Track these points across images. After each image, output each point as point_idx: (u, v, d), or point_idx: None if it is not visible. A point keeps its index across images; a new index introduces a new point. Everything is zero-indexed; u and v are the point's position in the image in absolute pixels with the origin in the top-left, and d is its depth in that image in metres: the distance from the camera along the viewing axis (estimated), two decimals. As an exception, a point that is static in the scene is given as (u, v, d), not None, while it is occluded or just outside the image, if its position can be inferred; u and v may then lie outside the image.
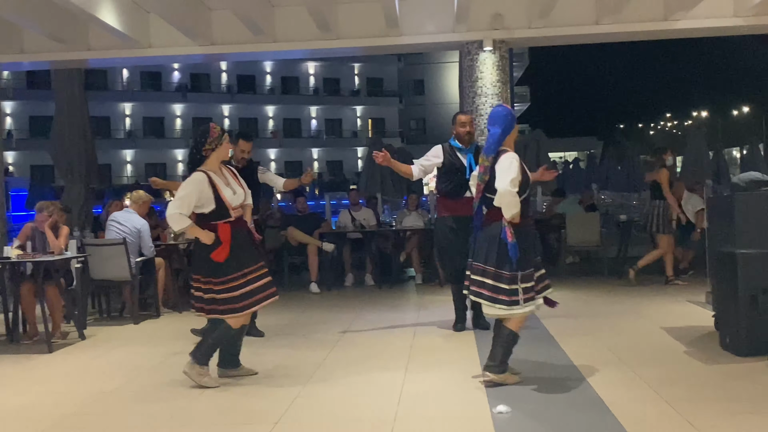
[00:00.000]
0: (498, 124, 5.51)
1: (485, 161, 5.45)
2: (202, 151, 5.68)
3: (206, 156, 5.69)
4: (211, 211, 5.63)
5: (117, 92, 51.40)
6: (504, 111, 5.63)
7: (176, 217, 5.53)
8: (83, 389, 5.83)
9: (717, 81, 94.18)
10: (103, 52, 10.55)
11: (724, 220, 6.49)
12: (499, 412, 4.74)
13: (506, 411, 4.74)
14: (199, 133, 5.77)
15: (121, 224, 8.97)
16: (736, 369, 5.66)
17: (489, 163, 5.43)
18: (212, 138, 5.69)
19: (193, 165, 5.71)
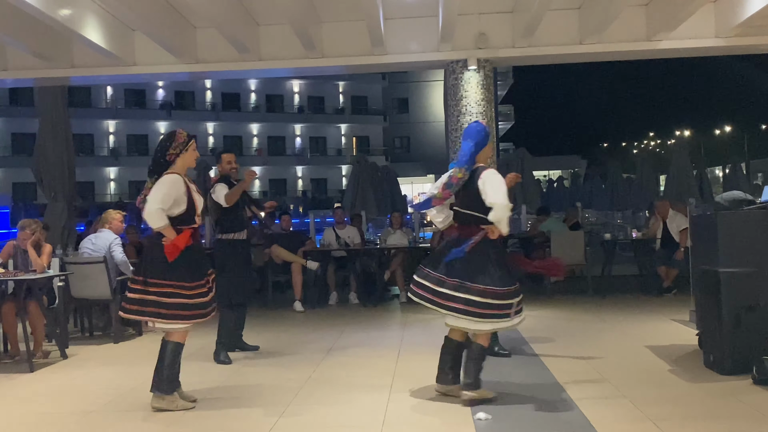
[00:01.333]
0: (471, 138, 5.62)
1: (458, 173, 5.50)
2: (166, 156, 5.64)
3: (170, 161, 5.64)
4: (179, 215, 5.57)
5: (101, 110, 51.25)
6: (478, 127, 5.74)
7: (158, 213, 5.45)
8: (65, 409, 5.77)
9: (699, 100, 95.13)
10: (87, 70, 10.50)
11: (707, 238, 6.53)
12: (479, 419, 4.82)
13: (485, 418, 4.83)
14: (164, 138, 5.74)
15: (93, 243, 8.95)
16: (720, 387, 5.67)
17: (462, 175, 5.50)
18: (177, 143, 5.66)
19: (156, 169, 5.64)
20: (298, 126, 57.64)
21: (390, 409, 5.38)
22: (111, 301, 8.80)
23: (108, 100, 51.98)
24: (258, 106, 56.40)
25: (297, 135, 57.96)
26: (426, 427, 5.01)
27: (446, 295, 5.39)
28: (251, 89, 56.02)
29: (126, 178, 52.40)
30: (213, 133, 54.66)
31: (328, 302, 11.69)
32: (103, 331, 9.41)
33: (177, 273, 5.51)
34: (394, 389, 5.98)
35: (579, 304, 10.62)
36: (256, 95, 56.38)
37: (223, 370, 6.93)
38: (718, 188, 26.77)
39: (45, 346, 7.96)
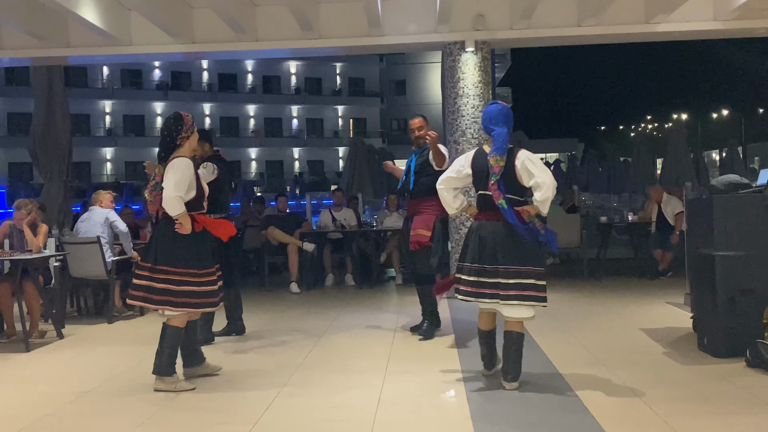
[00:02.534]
0: (504, 123, 5.46)
1: (500, 161, 5.35)
2: (177, 140, 5.62)
3: (180, 145, 5.63)
4: (189, 201, 5.56)
5: (97, 90, 51.05)
6: (504, 110, 5.56)
7: (177, 200, 5.43)
8: (61, 389, 5.78)
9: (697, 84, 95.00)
10: (83, 50, 10.45)
11: (702, 222, 6.54)
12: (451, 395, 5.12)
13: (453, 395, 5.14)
14: (171, 122, 5.67)
15: (85, 222, 8.95)
16: (714, 370, 5.71)
17: (504, 162, 5.36)
18: (187, 126, 5.66)
19: (167, 153, 5.63)
20: (295, 107, 57.47)
21: (385, 390, 5.41)
22: (107, 281, 8.81)
23: (104, 80, 51.77)
24: (254, 87, 56.21)
25: (294, 116, 57.82)
26: (421, 408, 5.03)
27: (505, 285, 5.28)
28: (248, 70, 55.81)
29: (122, 158, 52.30)
30: (209, 114, 54.53)
31: (324, 284, 11.71)
32: (99, 312, 9.42)
33: (186, 260, 5.52)
34: (389, 371, 6.00)
35: (574, 287, 10.65)
36: (252, 76, 56.17)
37: (217, 352, 6.95)
38: (715, 172, 26.80)
39: (41, 326, 7.98)
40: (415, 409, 5.02)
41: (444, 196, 5.67)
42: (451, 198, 5.67)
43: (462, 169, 5.59)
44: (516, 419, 4.66)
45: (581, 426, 4.46)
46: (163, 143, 5.67)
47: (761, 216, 6.17)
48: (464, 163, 5.60)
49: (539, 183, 5.28)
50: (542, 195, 5.28)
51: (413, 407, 5.06)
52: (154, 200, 5.63)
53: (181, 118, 5.69)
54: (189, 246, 5.54)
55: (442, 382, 5.60)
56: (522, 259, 5.30)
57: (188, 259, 5.53)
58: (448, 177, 5.65)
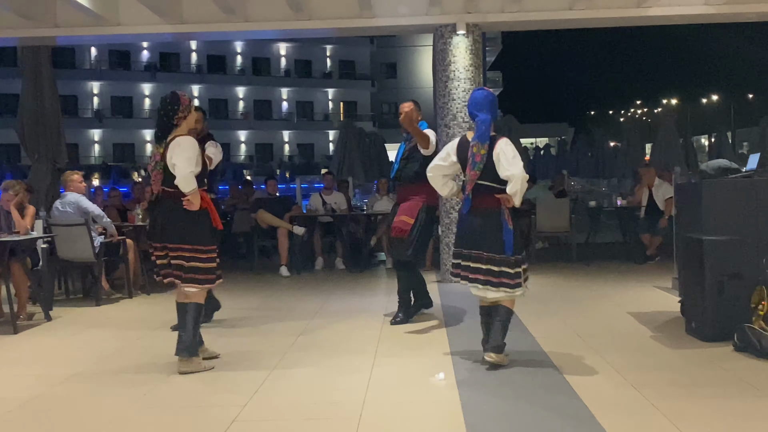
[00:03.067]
0: (487, 110, 5.49)
1: (482, 149, 5.38)
2: (174, 119, 5.59)
3: (177, 124, 5.60)
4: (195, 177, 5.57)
5: (85, 71, 50.72)
6: (489, 96, 5.58)
7: (191, 176, 5.44)
8: (50, 371, 5.76)
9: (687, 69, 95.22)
10: (71, 30, 10.34)
11: (691, 206, 6.56)
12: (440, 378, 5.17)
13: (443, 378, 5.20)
14: (168, 102, 5.63)
15: (60, 209, 8.85)
16: (702, 354, 5.74)
17: (486, 150, 5.39)
18: (184, 105, 5.63)
19: (164, 133, 5.59)
20: (285, 90, 57.25)
21: (375, 373, 5.41)
22: (94, 264, 8.77)
23: (92, 61, 51.40)
24: (244, 68, 55.93)
25: (284, 99, 57.62)
26: (410, 390, 5.04)
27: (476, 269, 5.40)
28: (237, 51, 55.51)
29: (110, 140, 52.07)
30: (198, 95, 54.21)
31: (314, 267, 11.71)
32: (86, 294, 9.39)
33: (199, 237, 5.54)
34: (378, 353, 6.01)
35: (563, 271, 10.68)
36: (242, 58, 55.89)
37: (208, 335, 6.93)
38: (704, 157, 26.90)
39: (29, 308, 7.94)
40: (405, 390, 5.03)
41: (434, 183, 5.75)
42: (440, 185, 5.74)
43: (448, 157, 5.64)
44: (504, 401, 4.67)
45: (569, 408, 4.48)
46: (161, 123, 5.63)
47: (750, 201, 6.19)
48: (450, 151, 5.64)
49: (508, 176, 5.37)
50: (511, 188, 5.37)
51: (403, 389, 5.07)
52: (156, 180, 5.57)
53: (178, 97, 5.67)
54: (198, 222, 5.57)
55: (431, 364, 5.61)
56: (495, 246, 5.39)
57: (200, 235, 5.55)
58: (437, 164, 5.70)
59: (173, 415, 4.66)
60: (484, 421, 4.31)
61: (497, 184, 5.43)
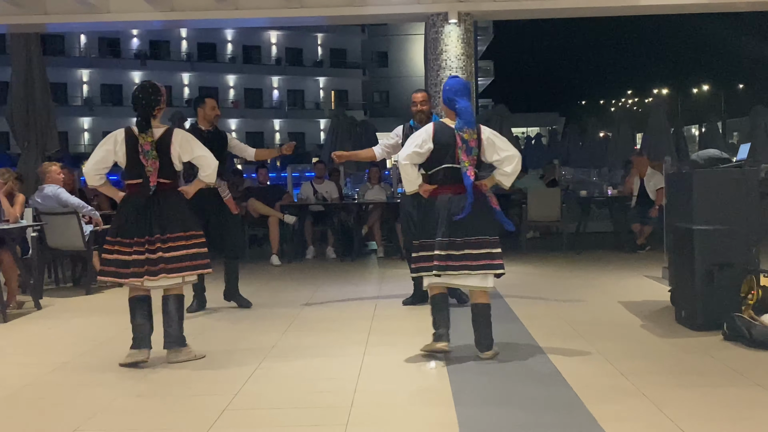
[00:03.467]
0: (466, 96, 5.48)
1: (474, 135, 5.37)
2: (155, 110, 5.54)
3: (155, 115, 5.56)
4: None
5: (74, 58, 50.33)
6: (468, 83, 5.64)
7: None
8: (40, 360, 5.75)
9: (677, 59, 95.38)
10: (61, 17, 10.29)
11: (682, 196, 6.58)
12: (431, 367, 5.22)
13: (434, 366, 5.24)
14: (150, 91, 5.57)
15: (40, 202, 8.79)
16: (691, 343, 5.76)
17: (477, 136, 5.39)
18: (163, 97, 5.63)
19: (147, 123, 5.49)
20: (276, 78, 56.99)
21: (366, 362, 5.42)
22: (84, 252, 8.74)
23: (82, 48, 51.06)
24: (234, 57, 55.61)
25: (274, 87, 57.36)
26: (402, 379, 5.05)
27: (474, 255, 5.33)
28: (228, 39, 55.18)
29: (100, 128, 51.62)
30: (188, 83, 53.98)
31: (305, 256, 11.70)
32: (77, 283, 9.36)
33: (195, 223, 5.61)
34: (370, 343, 6.02)
35: (554, 260, 10.71)
36: (232, 46, 55.57)
37: (198, 324, 6.94)
38: (695, 147, 26.96)
39: (19, 297, 7.91)
40: (396, 379, 5.04)
41: (409, 171, 5.51)
42: (414, 176, 5.54)
43: (425, 144, 5.47)
44: (495, 389, 4.69)
45: (559, 396, 4.50)
46: (145, 113, 5.53)
47: (741, 191, 6.21)
48: (426, 138, 5.48)
49: (511, 156, 5.39)
50: (513, 168, 5.40)
51: (394, 378, 5.08)
52: (154, 170, 5.45)
53: (158, 88, 5.64)
54: (191, 209, 5.67)
55: (422, 353, 5.62)
56: (487, 229, 5.38)
57: (195, 221, 5.63)
58: (414, 152, 5.47)
59: (164, 404, 4.66)
60: (475, 409, 4.32)
61: (478, 170, 5.48)
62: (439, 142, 5.43)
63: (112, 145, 5.53)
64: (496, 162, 5.45)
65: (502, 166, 5.42)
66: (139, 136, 5.47)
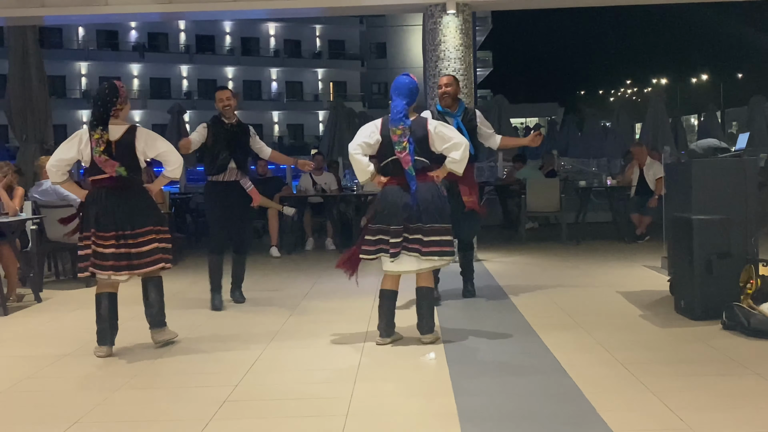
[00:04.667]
0: (404, 96, 5.58)
1: (398, 131, 5.49)
2: (111, 111, 5.53)
3: (114, 115, 5.54)
4: None
5: (73, 51, 50.26)
6: (411, 83, 5.66)
7: None
8: (40, 352, 5.76)
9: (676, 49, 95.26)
10: (59, 9, 10.25)
11: (681, 186, 6.58)
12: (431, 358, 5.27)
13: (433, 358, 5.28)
14: (108, 92, 5.55)
15: (39, 193, 8.78)
16: (691, 332, 5.78)
17: (403, 132, 5.49)
18: (123, 98, 5.62)
19: (99, 122, 5.50)
20: (274, 70, 56.90)
21: (365, 353, 5.44)
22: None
23: (80, 41, 50.96)
24: (233, 48, 55.53)
25: (273, 79, 57.27)
26: (400, 370, 5.07)
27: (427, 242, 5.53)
28: (226, 31, 55.09)
29: (99, 121, 51.63)
30: (187, 76, 53.92)
31: (305, 248, 11.71)
32: (76, 275, 9.35)
33: (162, 218, 5.79)
34: (369, 333, 6.03)
35: (553, 251, 10.72)
36: (231, 38, 55.48)
37: (198, 316, 6.95)
38: (693, 136, 26.95)
39: (19, 290, 7.92)
40: (396, 370, 5.06)
41: (360, 160, 5.66)
42: (366, 162, 5.68)
43: (372, 135, 5.66)
44: (494, 379, 4.70)
45: (558, 386, 4.52)
46: (96, 112, 5.56)
47: (739, 180, 6.22)
48: (374, 130, 5.68)
49: (457, 143, 5.55)
50: (461, 154, 5.54)
51: (394, 369, 5.09)
52: (109, 166, 5.49)
53: (118, 89, 5.63)
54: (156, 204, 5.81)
55: (422, 344, 5.64)
56: (439, 217, 5.55)
57: (161, 216, 5.80)
58: (363, 142, 5.65)
59: (164, 395, 4.67)
60: (474, 399, 4.33)
61: (428, 159, 5.61)
62: (386, 135, 5.60)
63: (77, 144, 5.59)
64: (444, 151, 5.59)
65: (450, 153, 5.57)
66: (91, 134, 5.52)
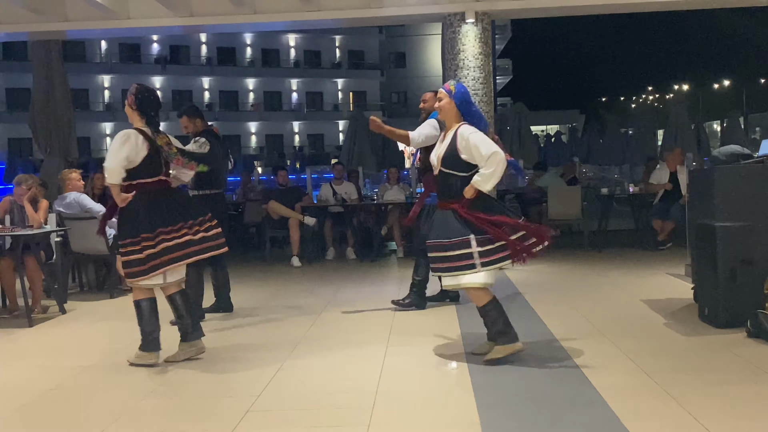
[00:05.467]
0: (471, 102, 5.39)
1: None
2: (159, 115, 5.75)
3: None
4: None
5: (95, 64, 50.77)
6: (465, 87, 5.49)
7: None
8: (64, 364, 5.81)
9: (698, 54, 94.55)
10: (81, 23, 10.40)
11: (704, 192, 6.53)
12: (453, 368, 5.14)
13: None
14: (153, 98, 5.71)
15: (62, 206, 8.87)
16: (715, 340, 5.73)
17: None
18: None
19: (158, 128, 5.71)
20: (295, 81, 57.16)
21: (387, 363, 5.43)
22: (108, 257, 8.82)
23: (102, 54, 51.48)
24: (253, 60, 55.84)
25: (293, 90, 57.51)
26: (423, 379, 5.06)
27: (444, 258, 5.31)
28: (247, 43, 55.41)
29: (122, 133, 52.04)
30: (208, 88, 54.27)
31: (326, 258, 11.74)
32: (101, 287, 9.45)
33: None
34: (390, 343, 6.03)
35: (575, 259, 10.67)
36: (251, 49, 55.79)
37: (220, 326, 6.99)
38: (716, 142, 26.73)
39: (43, 302, 8.00)
40: (417, 380, 5.05)
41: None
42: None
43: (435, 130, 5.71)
44: (516, 389, 4.68)
45: (582, 396, 4.49)
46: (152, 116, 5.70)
47: (763, 186, 6.16)
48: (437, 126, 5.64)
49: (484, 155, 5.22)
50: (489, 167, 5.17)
51: (415, 378, 5.08)
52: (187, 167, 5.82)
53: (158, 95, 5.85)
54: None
55: (443, 354, 5.63)
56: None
57: None
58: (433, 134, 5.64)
59: (187, 406, 4.69)
60: (497, 408, 4.32)
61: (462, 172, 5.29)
62: None
63: (135, 146, 5.54)
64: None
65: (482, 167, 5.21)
66: (155, 137, 5.60)
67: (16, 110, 42.60)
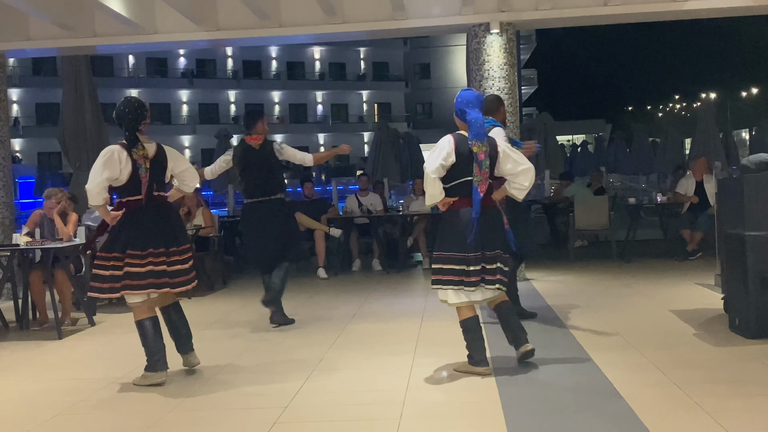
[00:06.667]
0: (477, 107, 5.39)
1: (483, 147, 5.27)
2: (140, 125, 5.61)
3: (142, 131, 5.61)
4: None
5: (123, 79, 51.36)
6: (479, 95, 5.50)
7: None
8: (93, 375, 5.86)
9: (726, 62, 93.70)
10: (109, 39, 10.52)
11: (733, 201, 6.46)
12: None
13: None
14: (135, 107, 5.62)
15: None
16: (746, 351, 5.65)
17: (486, 148, 5.29)
18: (149, 112, 5.70)
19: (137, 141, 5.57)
20: (320, 93, 57.46)
21: (414, 374, 5.42)
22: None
23: (130, 69, 52.09)
24: (279, 73, 56.25)
25: (318, 102, 57.80)
26: (450, 391, 5.04)
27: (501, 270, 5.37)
28: (272, 56, 55.84)
29: (150, 146, 52.56)
30: (235, 101, 54.68)
31: (352, 269, 11.74)
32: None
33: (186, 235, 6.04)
34: (417, 354, 6.02)
35: (603, 269, 10.58)
36: (277, 62, 56.20)
37: (247, 338, 7.01)
38: (745, 151, 26.44)
39: (73, 314, 8.08)
40: (445, 391, 5.03)
41: (436, 185, 5.34)
42: (438, 189, 5.37)
43: (449, 157, 5.31)
44: (544, 402, 4.65)
45: (611, 409, 4.44)
46: (131, 127, 5.58)
47: (793, 195, 6.08)
48: (450, 151, 5.30)
49: (528, 168, 5.38)
50: (530, 181, 5.40)
51: (442, 390, 5.07)
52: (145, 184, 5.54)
53: (144, 104, 5.71)
54: None
55: (458, 373, 5.59)
56: (501, 244, 5.41)
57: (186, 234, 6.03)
58: (440, 165, 5.31)
59: (214, 417, 4.71)
60: (525, 420, 4.29)
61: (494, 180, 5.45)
62: (462, 154, 5.31)
63: (117, 163, 5.47)
64: (511, 175, 5.37)
65: (517, 179, 5.37)
66: (132, 151, 5.52)
67: (45, 125, 43.20)
